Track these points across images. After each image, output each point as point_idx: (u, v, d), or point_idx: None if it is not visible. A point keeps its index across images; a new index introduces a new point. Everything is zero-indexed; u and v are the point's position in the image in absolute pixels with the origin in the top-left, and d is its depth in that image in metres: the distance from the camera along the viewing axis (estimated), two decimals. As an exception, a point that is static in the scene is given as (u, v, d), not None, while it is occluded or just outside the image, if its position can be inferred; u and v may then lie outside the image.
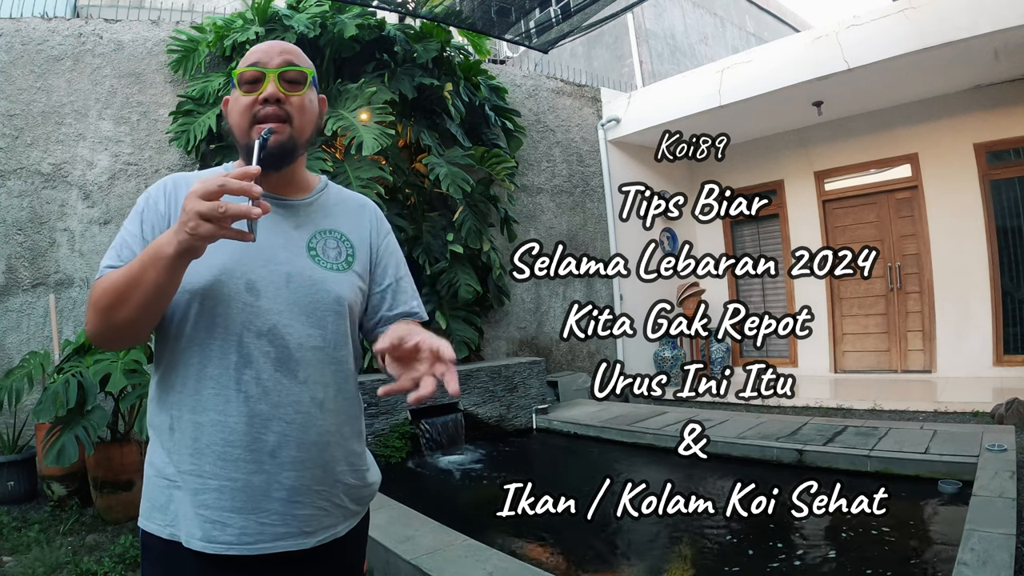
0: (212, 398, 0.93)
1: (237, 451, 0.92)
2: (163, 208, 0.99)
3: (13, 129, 4.25)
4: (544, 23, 5.42)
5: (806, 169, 7.13)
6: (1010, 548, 1.99)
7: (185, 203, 0.78)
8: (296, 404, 0.95)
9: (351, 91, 4.69)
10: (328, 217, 1.07)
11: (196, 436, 0.93)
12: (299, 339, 0.96)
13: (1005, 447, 3.15)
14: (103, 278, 0.90)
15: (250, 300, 0.94)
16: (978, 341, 5.89)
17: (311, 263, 1.00)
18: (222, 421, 0.92)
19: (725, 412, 5.05)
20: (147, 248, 0.85)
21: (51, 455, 3.01)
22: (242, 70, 1.00)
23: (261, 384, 0.93)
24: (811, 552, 2.58)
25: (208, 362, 0.93)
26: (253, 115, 0.99)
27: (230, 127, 1.04)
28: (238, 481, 0.92)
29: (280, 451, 0.94)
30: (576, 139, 7.02)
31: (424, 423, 4.47)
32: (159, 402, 0.98)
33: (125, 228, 0.99)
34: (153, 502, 0.95)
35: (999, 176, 5.89)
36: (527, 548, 2.79)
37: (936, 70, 5.35)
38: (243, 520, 0.91)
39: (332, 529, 0.99)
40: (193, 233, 0.77)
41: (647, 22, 9.20)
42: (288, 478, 0.94)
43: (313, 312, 0.98)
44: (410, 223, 5.10)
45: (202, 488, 0.92)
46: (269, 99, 0.98)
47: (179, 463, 0.93)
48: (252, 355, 0.94)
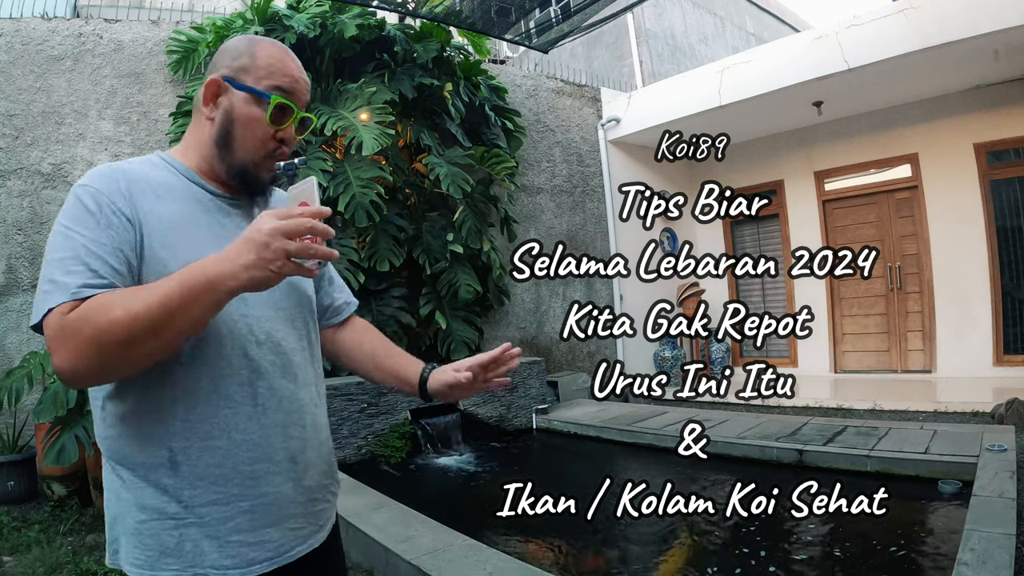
0: (230, 418, 0.88)
1: (265, 466, 0.90)
2: (127, 211, 0.84)
3: (13, 129, 4.25)
4: (544, 23, 5.42)
5: (806, 169, 7.13)
6: (1010, 548, 1.99)
7: (267, 238, 0.73)
8: (303, 407, 0.97)
9: (351, 91, 4.69)
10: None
11: (218, 462, 0.87)
12: (291, 343, 0.97)
13: (1005, 447, 3.15)
14: (96, 303, 0.74)
15: (244, 311, 0.91)
16: (978, 341, 5.89)
17: None
18: (245, 440, 0.89)
19: (725, 412, 5.04)
20: (188, 276, 0.74)
21: (51, 455, 3.01)
22: (279, 99, 0.92)
23: (275, 394, 0.92)
24: (811, 552, 2.58)
25: (221, 382, 0.88)
26: (271, 150, 0.95)
27: (232, 135, 0.93)
28: (269, 496, 0.90)
29: (300, 455, 0.95)
30: (576, 139, 7.02)
31: (424, 423, 4.47)
32: (146, 438, 0.86)
33: (77, 233, 0.80)
34: (159, 549, 0.85)
35: (999, 176, 5.89)
36: (527, 548, 2.79)
37: (936, 70, 5.35)
38: (279, 532, 0.91)
39: (333, 518, 1.05)
40: (279, 272, 0.75)
41: (647, 22, 9.21)
42: (310, 479, 0.97)
43: (295, 314, 1.00)
44: (410, 223, 5.10)
45: (231, 513, 0.87)
46: (288, 144, 0.96)
47: (194, 497, 0.86)
48: (261, 366, 0.91)
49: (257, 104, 0.92)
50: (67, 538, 3.14)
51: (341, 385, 4.18)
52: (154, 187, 0.89)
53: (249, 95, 0.92)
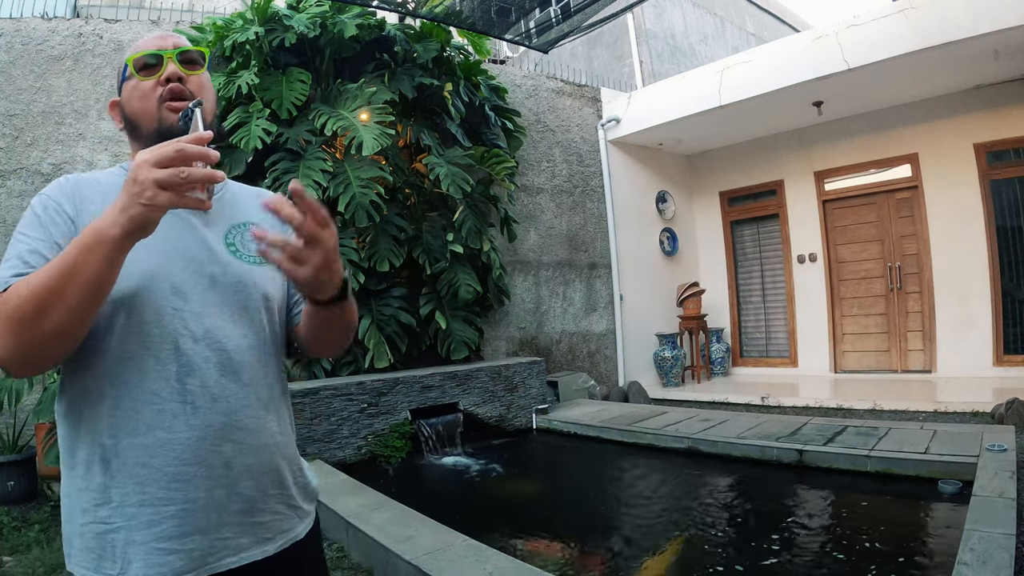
0: (155, 415, 0.85)
1: (192, 468, 0.85)
2: (70, 210, 0.89)
3: (13, 129, 4.25)
4: (544, 23, 5.42)
5: (806, 169, 7.13)
6: (1010, 548, 1.99)
7: (136, 173, 0.71)
8: (246, 408, 0.91)
9: (351, 91, 4.69)
10: (238, 210, 1.03)
11: (143, 461, 0.84)
12: (235, 340, 0.92)
13: (1005, 447, 3.15)
14: (14, 288, 0.76)
15: (179, 305, 0.88)
16: (978, 341, 5.89)
17: (232, 258, 0.96)
18: (171, 439, 0.85)
19: (725, 412, 5.05)
20: (80, 237, 0.74)
21: (51, 455, 3.01)
22: (136, 56, 0.97)
23: (208, 392, 0.88)
24: (810, 552, 2.58)
25: (144, 376, 0.85)
26: (159, 96, 0.95)
27: (131, 116, 0.98)
28: (197, 501, 0.86)
29: (235, 460, 0.89)
30: (576, 139, 7.02)
31: (424, 423, 4.48)
32: (80, 433, 0.86)
33: (24, 235, 0.86)
34: (97, 552, 0.84)
35: (999, 176, 5.90)
36: (527, 548, 2.79)
37: (936, 70, 5.35)
38: (207, 540, 0.86)
39: (291, 532, 0.97)
40: (150, 204, 0.70)
41: (647, 22, 9.21)
42: (246, 487, 0.90)
43: (244, 311, 0.95)
44: (410, 223, 5.10)
45: (157, 517, 0.84)
46: (171, 78, 0.96)
47: (124, 496, 0.83)
48: (193, 362, 0.87)
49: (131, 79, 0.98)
50: (67, 538, 3.14)
51: (341, 385, 4.19)
52: (104, 190, 0.92)
53: (125, 82, 0.99)
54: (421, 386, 4.56)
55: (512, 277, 6.24)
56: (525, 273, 6.41)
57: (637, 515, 3.31)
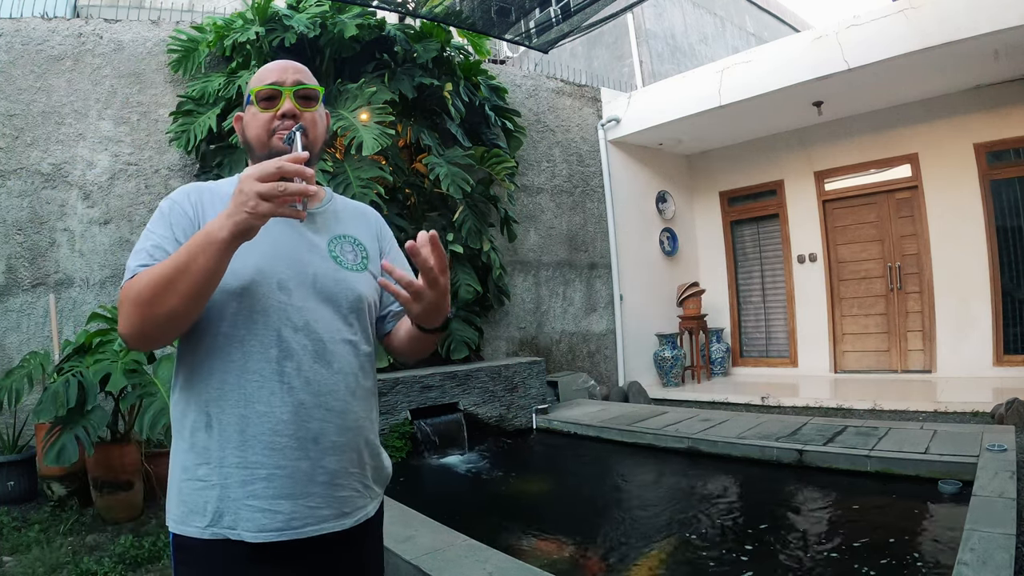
0: (256, 391, 0.98)
1: (284, 439, 0.98)
2: (191, 212, 1.04)
3: (13, 129, 4.25)
4: (544, 23, 5.42)
5: (806, 169, 7.13)
6: (1010, 548, 1.99)
7: (242, 185, 0.85)
8: (334, 392, 1.03)
9: (351, 91, 4.69)
10: (340, 223, 1.17)
11: (242, 428, 0.97)
12: (331, 332, 1.04)
13: (1005, 447, 3.15)
14: (139, 275, 0.92)
15: (283, 298, 1.01)
16: (978, 341, 5.89)
17: (334, 264, 1.09)
18: (268, 412, 0.98)
19: (725, 412, 5.05)
20: (194, 237, 0.89)
21: (51, 455, 3.00)
22: (259, 88, 1.10)
23: (303, 375, 1.00)
24: (810, 551, 2.58)
25: (249, 357, 0.99)
26: (272, 129, 1.09)
27: (247, 141, 1.14)
28: (286, 468, 0.97)
29: (322, 437, 1.01)
30: (576, 139, 7.02)
31: (424, 423, 4.47)
32: (190, 401, 1.01)
33: (152, 231, 1.02)
34: (189, 506, 0.99)
35: (999, 176, 5.90)
36: (528, 548, 2.79)
37: (936, 70, 5.35)
38: (292, 505, 0.97)
39: (364, 509, 1.07)
40: (253, 212, 0.84)
41: (647, 22, 9.20)
42: (330, 462, 1.01)
43: (339, 307, 1.07)
44: (410, 223, 5.09)
45: (250, 478, 0.96)
46: (287, 114, 1.09)
47: (222, 459, 0.97)
48: (292, 348, 1.00)
49: (253, 106, 1.12)
50: (67, 538, 3.14)
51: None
52: (222, 197, 1.06)
53: (248, 106, 1.14)
54: (421, 386, 4.56)
55: (512, 277, 6.24)
56: (525, 273, 6.41)
57: (637, 515, 3.31)
